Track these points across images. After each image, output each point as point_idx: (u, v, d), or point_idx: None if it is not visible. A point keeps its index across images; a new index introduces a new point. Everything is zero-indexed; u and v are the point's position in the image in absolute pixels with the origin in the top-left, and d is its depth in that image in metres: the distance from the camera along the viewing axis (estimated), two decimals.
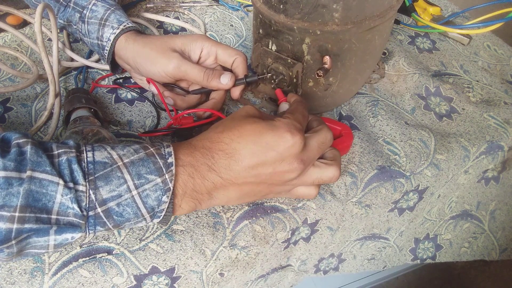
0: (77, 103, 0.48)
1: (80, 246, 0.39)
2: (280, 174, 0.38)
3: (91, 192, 0.32)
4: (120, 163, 0.34)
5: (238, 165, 0.37)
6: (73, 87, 0.55)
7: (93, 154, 0.34)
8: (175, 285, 0.43)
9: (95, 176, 0.33)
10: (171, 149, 0.36)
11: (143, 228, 0.41)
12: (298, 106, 0.43)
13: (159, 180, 0.34)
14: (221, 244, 0.43)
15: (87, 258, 0.39)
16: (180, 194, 0.37)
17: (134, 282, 0.40)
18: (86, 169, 0.33)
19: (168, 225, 0.42)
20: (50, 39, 0.60)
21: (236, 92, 0.52)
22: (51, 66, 0.48)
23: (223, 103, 0.54)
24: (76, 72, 0.57)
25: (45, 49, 0.46)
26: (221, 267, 0.44)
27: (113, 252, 0.40)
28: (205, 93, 0.53)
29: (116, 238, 0.40)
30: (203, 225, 0.43)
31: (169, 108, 0.51)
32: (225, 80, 0.50)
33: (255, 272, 0.49)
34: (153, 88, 0.50)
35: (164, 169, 0.35)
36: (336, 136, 0.49)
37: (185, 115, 0.50)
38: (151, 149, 0.36)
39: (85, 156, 0.33)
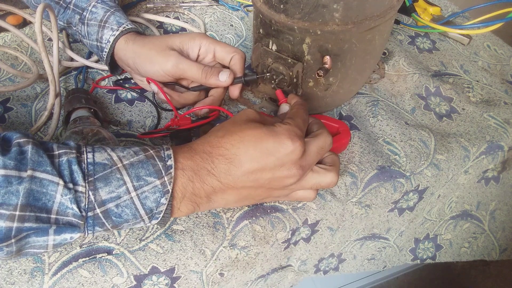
0: (77, 103, 0.48)
1: (80, 246, 0.39)
2: (279, 179, 0.39)
3: (90, 193, 0.32)
4: (119, 165, 0.34)
5: (238, 170, 0.37)
6: (73, 87, 0.55)
7: (93, 155, 0.34)
8: (175, 285, 0.43)
9: (95, 177, 0.33)
10: (170, 151, 0.36)
11: (143, 228, 0.41)
12: (298, 110, 0.43)
13: (158, 182, 0.34)
14: (221, 244, 0.43)
15: (87, 258, 0.39)
16: (179, 197, 0.37)
17: (134, 282, 0.40)
18: (86, 170, 0.33)
19: (168, 225, 0.42)
20: (50, 39, 0.60)
21: (235, 92, 0.52)
22: (52, 66, 0.48)
23: (222, 102, 0.54)
24: (76, 72, 0.57)
25: (45, 49, 0.46)
26: (221, 267, 0.44)
27: (113, 252, 0.40)
28: (205, 90, 0.53)
29: (116, 238, 0.40)
30: (203, 225, 0.43)
31: (168, 106, 0.51)
32: (224, 77, 0.50)
33: (255, 272, 0.49)
34: (154, 87, 0.50)
35: (163, 172, 0.35)
36: (334, 134, 0.49)
37: (186, 115, 0.50)
38: (151, 151, 0.36)
39: (85, 157, 0.33)
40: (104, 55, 0.52)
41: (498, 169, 0.62)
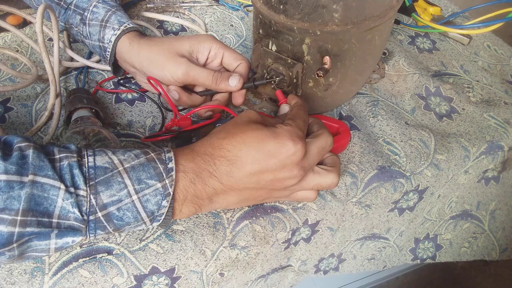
0: (79, 103, 0.48)
1: (80, 246, 0.39)
2: (281, 180, 0.39)
3: (91, 197, 0.32)
4: (120, 168, 0.34)
5: (240, 171, 0.37)
6: (73, 87, 0.55)
7: (94, 159, 0.34)
8: (175, 285, 0.43)
9: (96, 181, 0.33)
10: (171, 154, 0.36)
11: (143, 229, 0.41)
12: (298, 111, 0.43)
13: (159, 185, 0.35)
14: (221, 244, 0.43)
15: (87, 258, 0.39)
16: (181, 199, 0.37)
17: (134, 282, 0.40)
18: (87, 174, 0.33)
19: (168, 226, 0.42)
20: (50, 39, 0.60)
21: (239, 100, 0.52)
22: (52, 66, 0.48)
23: (226, 105, 0.54)
24: (76, 72, 0.57)
25: (46, 49, 0.46)
26: (221, 267, 0.44)
27: (113, 252, 0.40)
28: (211, 94, 0.53)
29: (116, 238, 0.40)
30: (203, 225, 0.43)
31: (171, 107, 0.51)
32: (234, 82, 0.50)
33: (255, 272, 0.49)
34: (158, 87, 0.50)
35: (164, 174, 0.35)
36: (334, 134, 0.50)
37: (188, 116, 0.50)
38: (152, 154, 0.36)
39: (86, 161, 0.33)
40: (107, 55, 0.52)
41: (498, 169, 0.62)
